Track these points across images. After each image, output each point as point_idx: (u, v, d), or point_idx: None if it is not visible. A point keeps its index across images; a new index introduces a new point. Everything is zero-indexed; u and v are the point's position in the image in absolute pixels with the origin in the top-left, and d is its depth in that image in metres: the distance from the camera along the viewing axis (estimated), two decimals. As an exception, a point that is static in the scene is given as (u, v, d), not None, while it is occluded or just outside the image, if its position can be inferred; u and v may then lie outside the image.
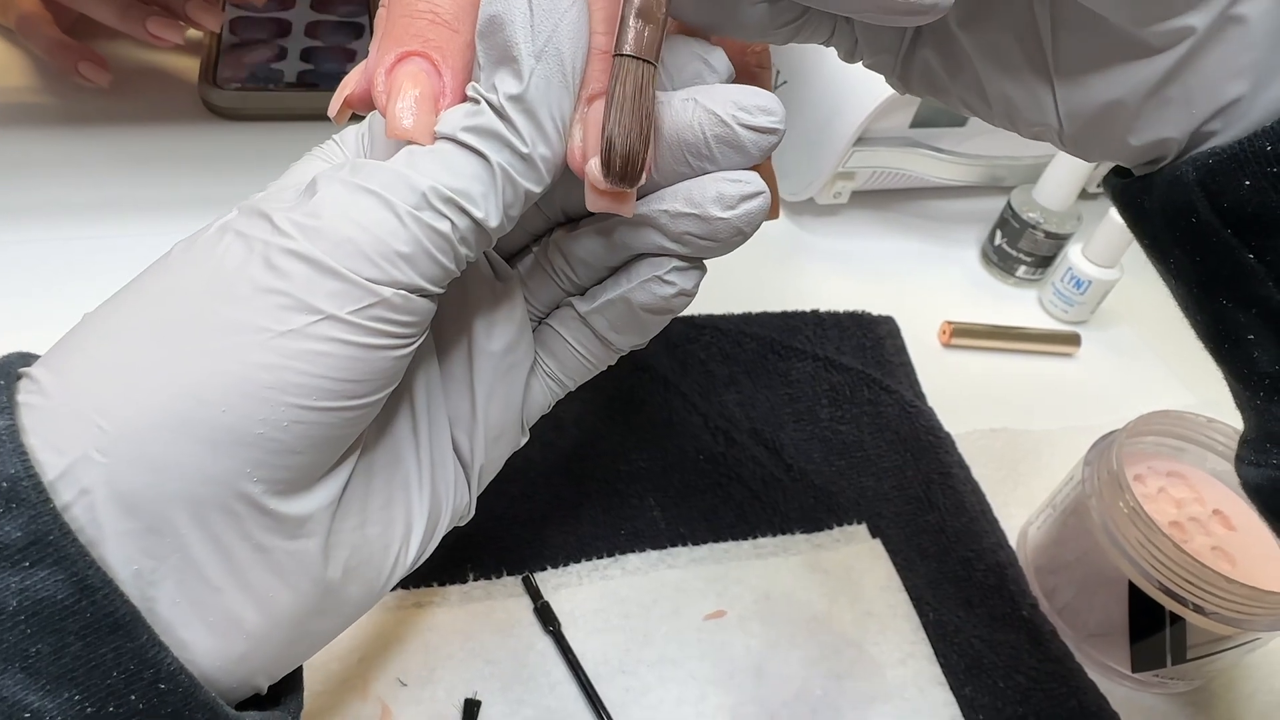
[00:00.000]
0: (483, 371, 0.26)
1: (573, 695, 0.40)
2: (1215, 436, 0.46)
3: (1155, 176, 0.25)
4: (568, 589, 0.43)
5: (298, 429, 0.20)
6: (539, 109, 0.21)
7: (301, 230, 0.20)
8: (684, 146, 0.23)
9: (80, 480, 0.19)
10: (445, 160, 0.21)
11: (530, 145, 0.21)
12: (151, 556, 0.19)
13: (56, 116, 0.60)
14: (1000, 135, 0.65)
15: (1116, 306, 0.64)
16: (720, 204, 0.23)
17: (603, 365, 0.28)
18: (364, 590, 0.24)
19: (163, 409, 0.19)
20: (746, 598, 0.44)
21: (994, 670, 0.43)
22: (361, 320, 0.20)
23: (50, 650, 0.18)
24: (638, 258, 0.26)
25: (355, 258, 0.20)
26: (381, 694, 0.38)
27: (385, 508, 0.24)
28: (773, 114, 0.23)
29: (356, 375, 0.21)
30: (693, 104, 0.23)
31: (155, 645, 0.19)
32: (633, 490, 0.47)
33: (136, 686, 0.18)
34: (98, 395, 0.19)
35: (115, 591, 0.18)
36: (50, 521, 0.18)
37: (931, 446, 0.51)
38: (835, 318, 0.58)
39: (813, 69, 0.61)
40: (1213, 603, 0.40)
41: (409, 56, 0.22)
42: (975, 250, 0.68)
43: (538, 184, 0.22)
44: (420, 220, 0.21)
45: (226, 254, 0.20)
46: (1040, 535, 0.48)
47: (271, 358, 0.20)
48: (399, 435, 0.25)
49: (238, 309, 0.20)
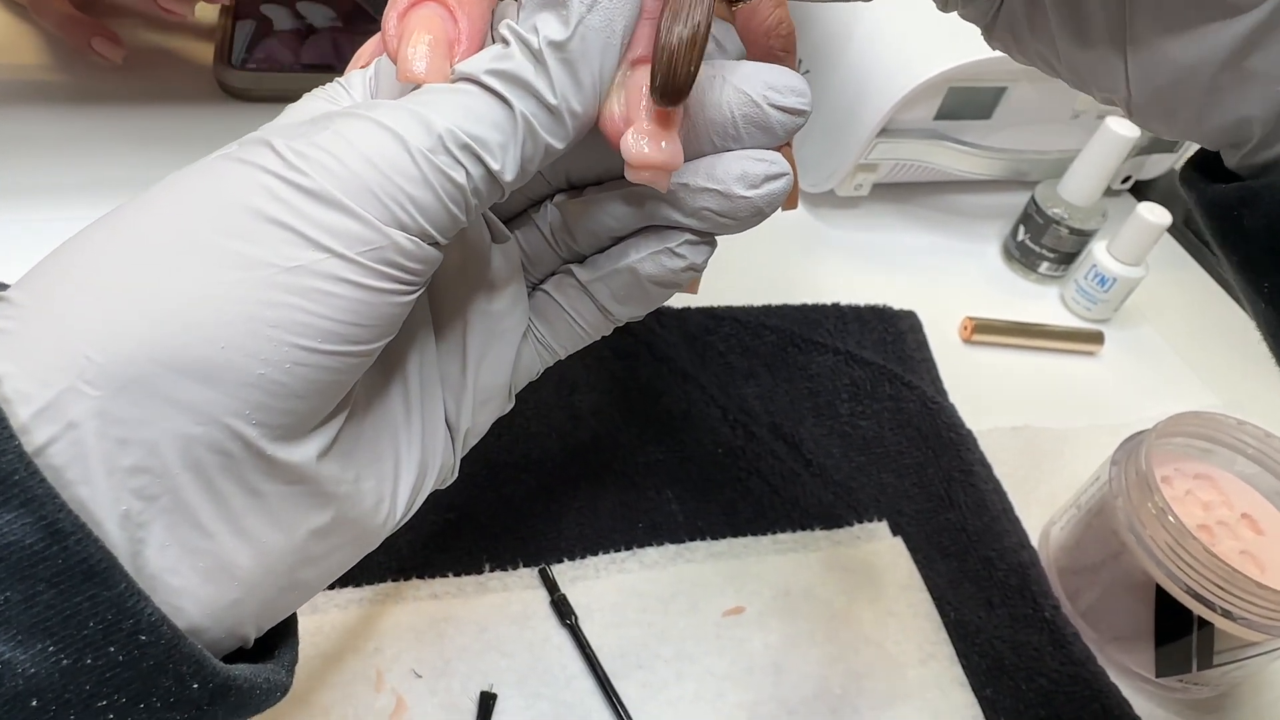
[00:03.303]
0: (475, 335, 0.25)
1: (589, 690, 0.39)
2: (1245, 439, 0.45)
3: (1262, 190, 0.23)
4: (584, 582, 0.42)
5: (299, 372, 0.19)
6: (580, 61, 0.20)
7: (308, 162, 0.19)
8: (709, 124, 0.22)
9: (67, 413, 0.18)
10: (465, 102, 0.20)
11: (560, 98, 0.20)
12: (141, 497, 0.18)
13: (69, 95, 0.59)
14: (1026, 129, 0.64)
15: (1140, 305, 0.63)
16: (744, 182, 0.23)
17: (597, 335, 0.28)
18: (353, 542, 0.23)
19: (158, 342, 0.18)
20: (765, 594, 0.43)
21: (1016, 672, 0.43)
22: (370, 262, 0.19)
23: (20, 598, 0.17)
24: (646, 228, 0.25)
25: (364, 195, 0.19)
26: (396, 685, 0.37)
27: (374, 462, 0.23)
28: (802, 95, 0.22)
29: (361, 319, 0.20)
30: (720, 80, 0.22)
31: (134, 594, 0.17)
32: (650, 483, 0.47)
33: (115, 637, 0.17)
34: (85, 324, 0.18)
35: (89, 536, 0.17)
36: (15, 460, 0.16)
37: (953, 443, 0.50)
38: (856, 311, 0.57)
39: (837, 57, 0.60)
40: (1242, 608, 0.39)
41: (423, 2, 0.21)
42: (996, 245, 0.67)
43: (561, 140, 0.21)
44: (434, 164, 0.20)
45: (227, 182, 0.19)
46: (1063, 536, 0.47)
47: (276, 294, 0.19)
48: (390, 390, 0.24)
49: (241, 241, 0.19)
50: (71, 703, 0.17)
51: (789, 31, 0.30)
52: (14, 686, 0.17)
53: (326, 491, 0.21)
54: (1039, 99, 0.62)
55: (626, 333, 0.52)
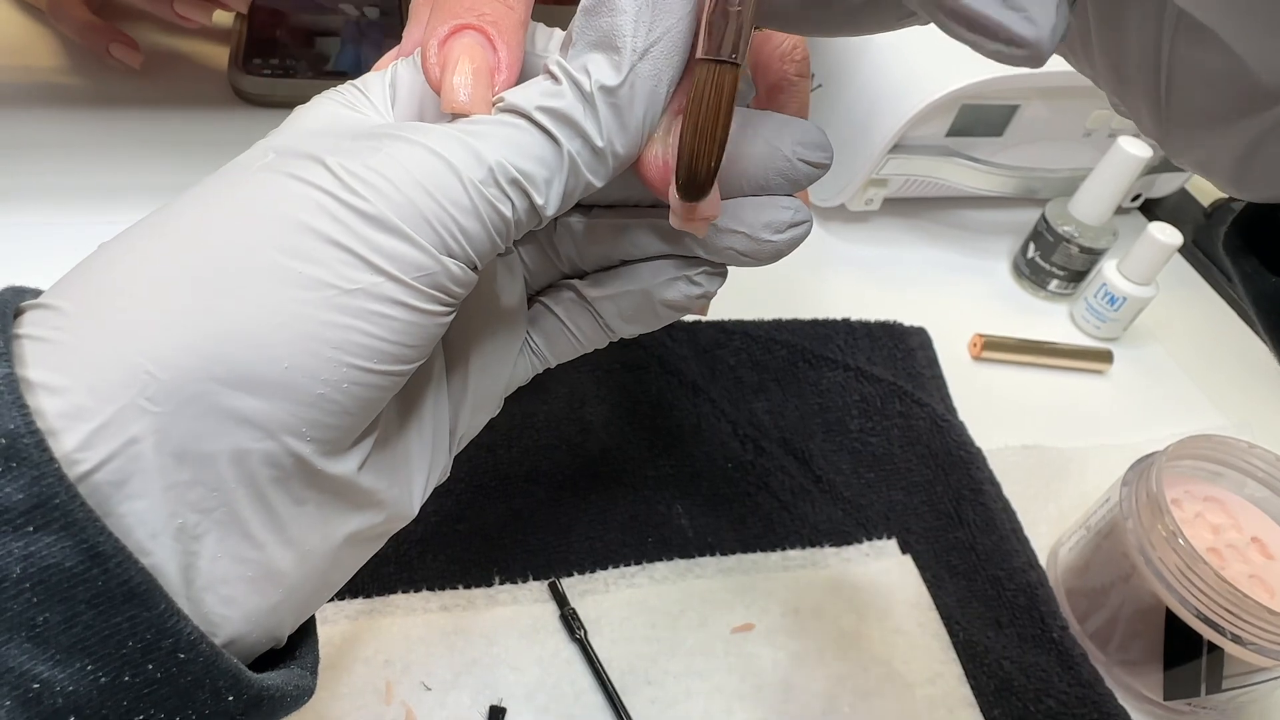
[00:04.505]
0: (478, 346, 0.26)
1: (598, 705, 0.39)
2: (1255, 462, 0.45)
3: None
4: (594, 596, 0.42)
5: (354, 390, 0.20)
6: (629, 108, 0.21)
7: (365, 185, 0.19)
8: (742, 175, 0.24)
9: (128, 429, 0.18)
10: (514, 137, 0.21)
11: (606, 141, 0.21)
12: (197, 510, 0.19)
13: (84, 99, 0.59)
14: (1037, 147, 0.64)
15: (1149, 324, 0.63)
16: (770, 228, 0.24)
17: (591, 348, 0.28)
18: (372, 545, 0.24)
19: (221, 359, 0.18)
20: (774, 611, 0.43)
21: (1024, 693, 0.42)
22: (424, 286, 0.20)
23: (60, 620, 0.17)
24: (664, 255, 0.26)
25: (420, 222, 0.20)
26: (406, 698, 0.37)
27: (399, 468, 0.24)
28: (827, 151, 0.24)
29: (411, 340, 0.20)
30: (751, 133, 0.23)
31: (174, 614, 0.18)
32: (660, 497, 0.47)
33: (154, 656, 0.18)
34: (144, 338, 0.18)
35: (129, 559, 0.17)
36: (55, 483, 0.17)
37: (963, 461, 0.50)
38: (867, 327, 0.57)
39: (850, 73, 0.60)
40: (1252, 633, 0.39)
41: (463, 29, 0.22)
42: (1005, 263, 0.67)
43: (602, 180, 0.22)
44: (485, 196, 0.20)
45: (284, 198, 0.19)
46: (1072, 557, 0.47)
47: (337, 315, 0.19)
48: (412, 401, 0.25)
49: (302, 261, 0.19)
50: (109, 719, 0.18)
51: (803, 57, 0.30)
52: (52, 704, 0.17)
53: (363, 500, 0.22)
54: (1051, 117, 0.63)
55: (636, 346, 0.52)
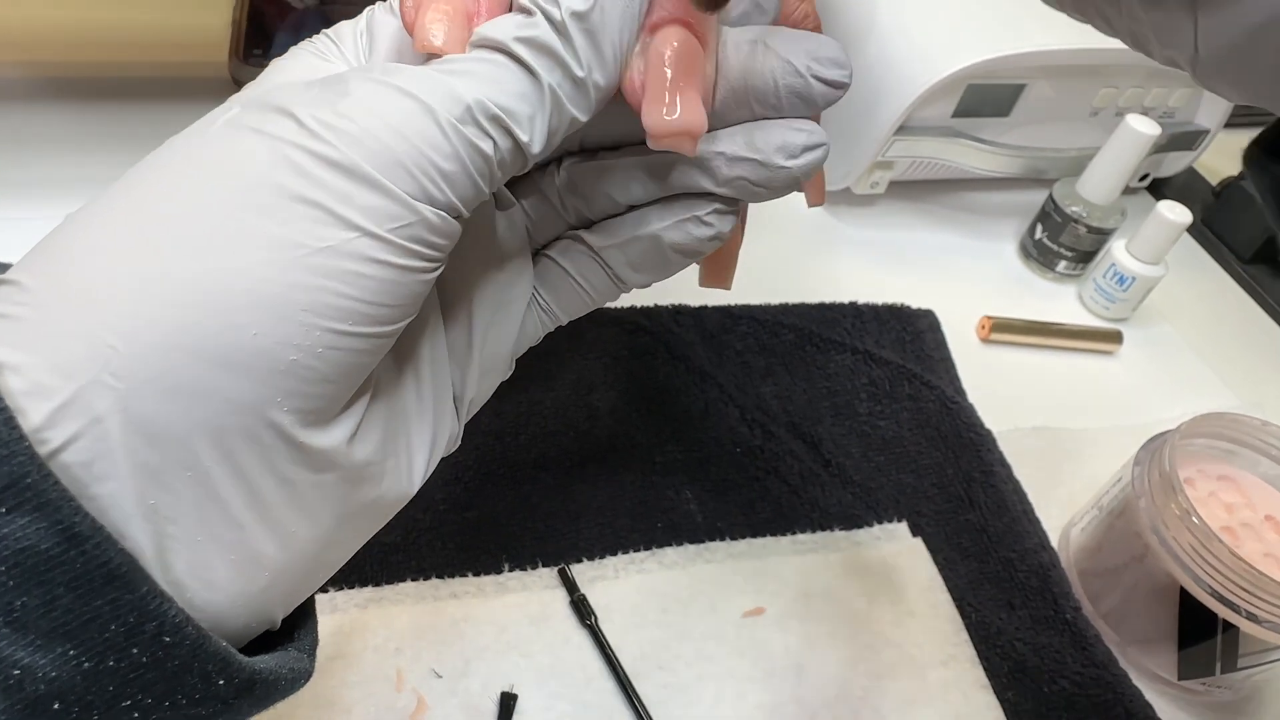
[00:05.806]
0: (481, 306, 0.25)
1: (610, 690, 0.39)
2: (1270, 440, 0.44)
3: None
4: (604, 582, 0.42)
5: (331, 355, 0.18)
6: (602, 32, 0.20)
7: (334, 132, 0.18)
8: (750, 92, 0.22)
9: (92, 408, 0.17)
10: (491, 72, 0.20)
11: (586, 69, 0.20)
12: (169, 491, 0.18)
13: (85, 92, 0.59)
14: (1044, 127, 0.63)
15: (1159, 304, 0.63)
16: (784, 152, 0.22)
17: (603, 301, 0.27)
18: (372, 521, 0.23)
19: (186, 330, 0.17)
20: (785, 595, 0.43)
21: (1038, 675, 0.42)
22: (400, 240, 0.19)
23: (38, 604, 0.16)
24: (670, 195, 0.24)
25: (394, 168, 0.18)
26: (416, 686, 0.37)
27: (394, 439, 0.23)
28: (844, 67, 0.22)
29: (391, 299, 0.19)
30: (762, 48, 0.22)
31: (157, 596, 0.17)
32: (669, 482, 0.46)
33: (138, 640, 0.17)
34: (106, 311, 0.17)
35: (108, 540, 0.17)
36: (26, 462, 0.16)
37: (972, 444, 0.50)
38: (874, 310, 0.56)
39: (855, 54, 0.60)
40: (1267, 611, 0.39)
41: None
42: (1013, 244, 0.66)
43: (585, 113, 0.21)
44: (463, 135, 0.19)
45: (248, 155, 0.18)
46: (1084, 537, 0.47)
47: (307, 277, 0.18)
48: (404, 367, 0.23)
49: (268, 220, 0.18)
50: (95, 704, 0.17)
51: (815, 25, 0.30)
52: (34, 691, 0.16)
53: (355, 475, 0.21)
54: (1058, 96, 0.62)
55: (643, 332, 0.52)
